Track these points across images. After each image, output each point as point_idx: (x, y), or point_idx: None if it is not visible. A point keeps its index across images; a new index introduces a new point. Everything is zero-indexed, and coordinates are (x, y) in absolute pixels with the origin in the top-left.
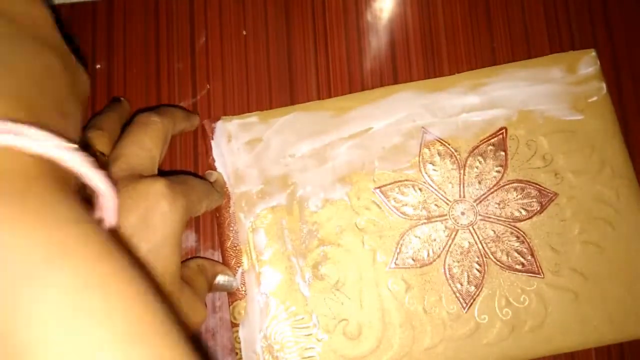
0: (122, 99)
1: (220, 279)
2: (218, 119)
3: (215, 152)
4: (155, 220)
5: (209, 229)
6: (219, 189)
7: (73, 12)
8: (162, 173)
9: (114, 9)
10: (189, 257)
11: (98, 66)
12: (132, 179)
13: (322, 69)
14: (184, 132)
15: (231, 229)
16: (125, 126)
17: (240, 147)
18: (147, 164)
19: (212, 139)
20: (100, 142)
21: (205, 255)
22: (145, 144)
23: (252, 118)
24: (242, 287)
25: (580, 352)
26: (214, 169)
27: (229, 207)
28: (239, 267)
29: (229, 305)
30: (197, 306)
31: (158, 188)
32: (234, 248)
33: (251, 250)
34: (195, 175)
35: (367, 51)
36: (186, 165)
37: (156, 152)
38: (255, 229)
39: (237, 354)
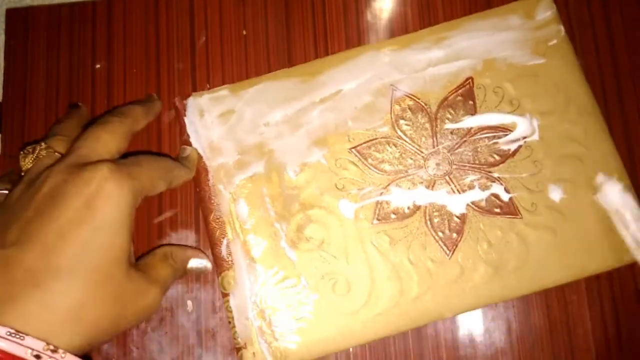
0: (79, 104)
1: (193, 263)
2: (189, 95)
3: (189, 129)
4: (98, 203)
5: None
6: (188, 164)
7: (73, 12)
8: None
9: (113, 9)
10: (159, 245)
11: (98, 66)
12: (79, 166)
13: None
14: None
15: (212, 201)
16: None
17: (213, 120)
18: (101, 154)
19: (185, 115)
20: (59, 145)
21: (206, 255)
22: (101, 137)
23: (223, 91)
24: (228, 257)
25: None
26: (190, 145)
27: (208, 180)
28: (223, 237)
29: (218, 276)
30: (147, 290)
31: (102, 172)
32: (217, 220)
33: (234, 220)
34: (160, 154)
35: None
36: (162, 147)
37: (112, 145)
38: (236, 199)
39: (229, 322)
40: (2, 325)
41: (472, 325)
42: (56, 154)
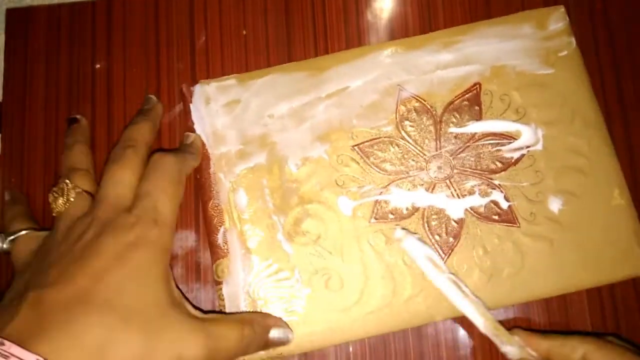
0: (78, 117)
1: (275, 333)
2: (196, 82)
3: (194, 116)
4: (129, 255)
5: None
6: (192, 150)
7: (73, 12)
8: None
9: (113, 9)
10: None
11: (97, 66)
12: (113, 221)
13: None
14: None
15: (212, 189)
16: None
17: (218, 109)
18: (127, 196)
19: (191, 102)
20: (83, 182)
21: (204, 255)
22: (118, 177)
23: (231, 80)
24: (224, 246)
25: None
26: (194, 132)
27: (210, 168)
28: (220, 226)
29: (212, 264)
30: (186, 339)
31: (133, 233)
32: (216, 208)
33: (232, 209)
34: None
35: None
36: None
37: (134, 179)
38: (235, 189)
39: (221, 310)
40: (32, 353)
41: (473, 325)
42: (85, 193)
